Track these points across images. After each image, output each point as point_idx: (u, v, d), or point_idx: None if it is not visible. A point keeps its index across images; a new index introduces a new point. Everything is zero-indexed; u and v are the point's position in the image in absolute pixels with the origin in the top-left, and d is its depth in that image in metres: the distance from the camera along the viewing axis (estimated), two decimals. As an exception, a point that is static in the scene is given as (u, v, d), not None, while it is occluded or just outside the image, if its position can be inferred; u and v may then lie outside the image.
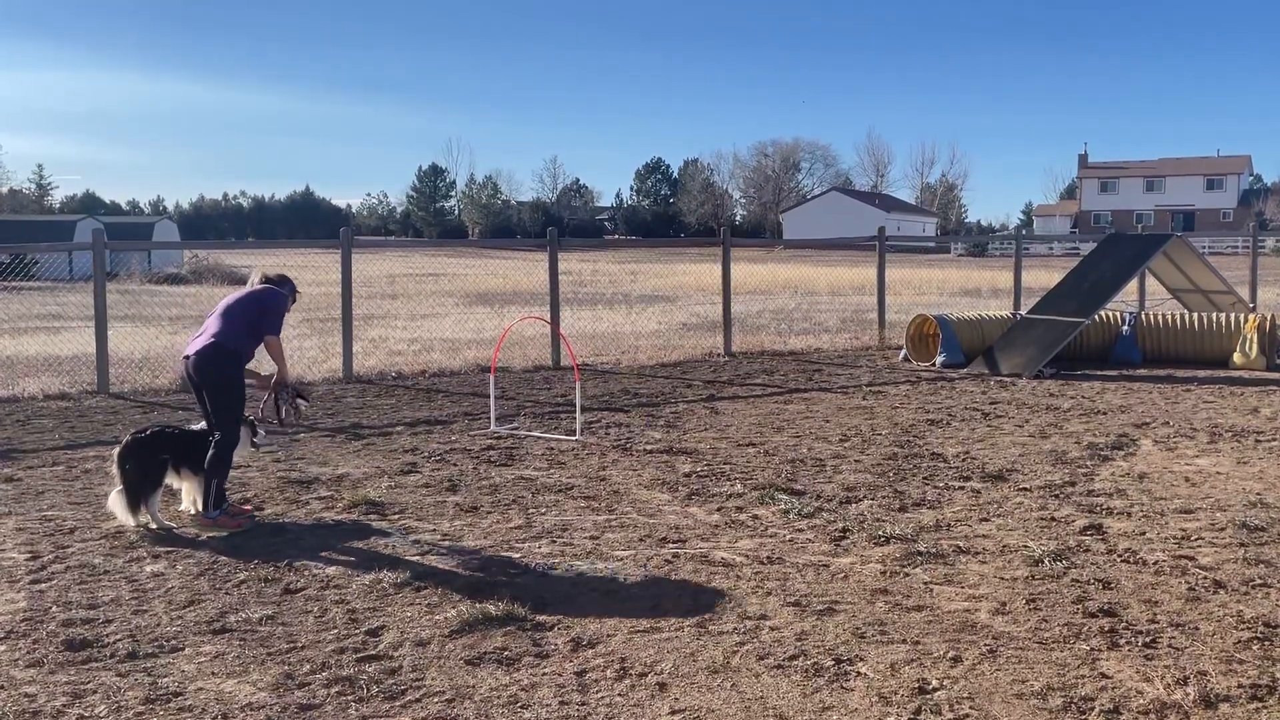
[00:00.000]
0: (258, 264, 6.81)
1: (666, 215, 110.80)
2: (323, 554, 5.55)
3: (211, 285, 29.86)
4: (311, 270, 29.46)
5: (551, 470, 7.48)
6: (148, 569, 5.33)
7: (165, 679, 4.01)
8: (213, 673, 4.07)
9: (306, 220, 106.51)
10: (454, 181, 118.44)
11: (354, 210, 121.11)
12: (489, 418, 9.30)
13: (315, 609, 4.75)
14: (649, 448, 8.23)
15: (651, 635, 4.41)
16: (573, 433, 8.75)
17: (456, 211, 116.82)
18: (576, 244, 45.83)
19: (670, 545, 5.67)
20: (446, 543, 5.75)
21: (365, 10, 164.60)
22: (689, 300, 24.46)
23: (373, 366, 12.80)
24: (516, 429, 9.06)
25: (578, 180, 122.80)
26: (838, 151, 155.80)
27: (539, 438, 8.66)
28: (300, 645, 4.33)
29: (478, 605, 4.67)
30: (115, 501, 5.98)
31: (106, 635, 4.45)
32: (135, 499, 5.93)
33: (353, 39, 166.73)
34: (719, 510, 6.38)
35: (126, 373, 11.99)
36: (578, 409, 9.02)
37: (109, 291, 11.86)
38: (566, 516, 6.26)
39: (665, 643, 4.32)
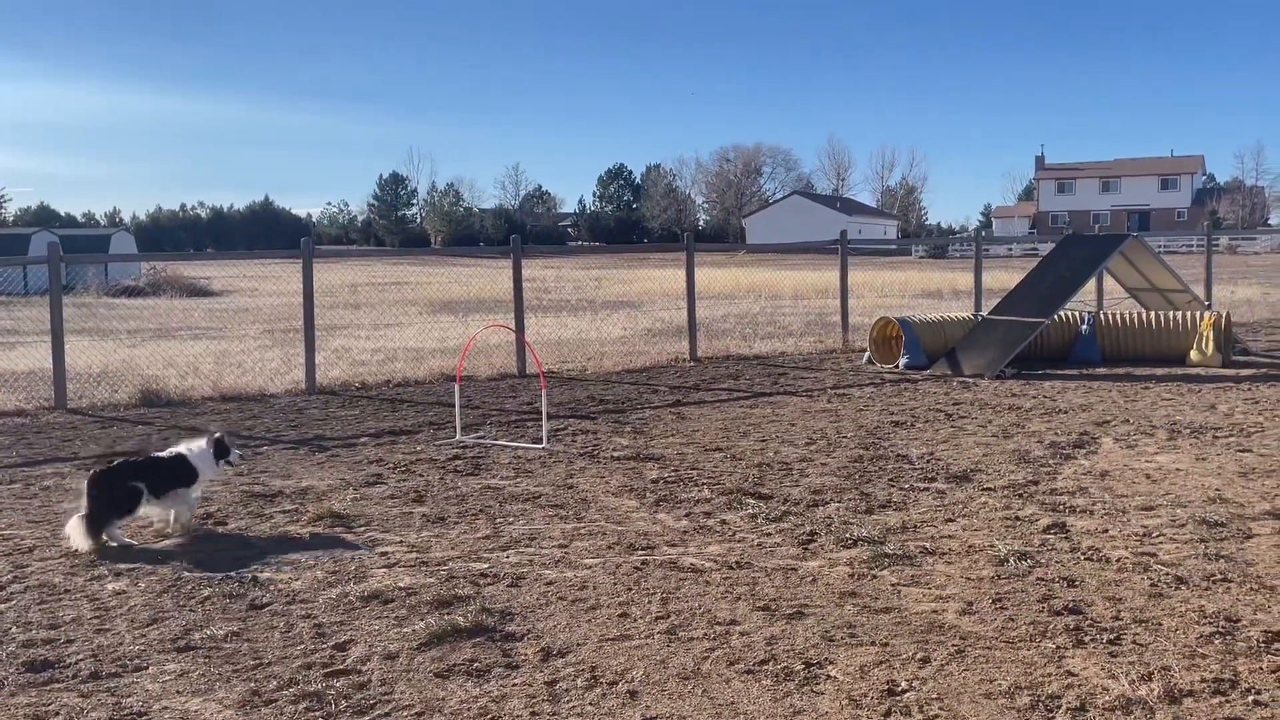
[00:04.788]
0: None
1: (630, 221, 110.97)
2: (288, 568, 5.50)
3: (170, 297, 29.51)
4: (272, 280, 29.31)
5: (519, 479, 7.46)
6: (109, 587, 5.25)
7: (129, 699, 3.95)
8: (178, 691, 4.01)
9: (267, 230, 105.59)
10: (415, 189, 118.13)
11: (314, 220, 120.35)
12: (454, 427, 9.25)
13: (281, 624, 4.70)
14: (616, 454, 8.22)
15: (622, 643, 4.40)
16: (539, 441, 8.72)
17: (418, 220, 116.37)
18: (540, 251, 45.75)
19: (639, 552, 5.67)
20: (414, 554, 5.70)
21: (322, 19, 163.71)
22: (654, 306, 24.48)
23: (336, 377, 12.70)
24: (482, 438, 9.02)
25: (540, 187, 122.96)
26: (799, 156, 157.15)
27: (505, 446, 8.63)
28: (266, 661, 4.28)
29: (446, 617, 4.64)
30: (74, 527, 5.83)
31: (68, 655, 4.38)
32: (98, 527, 5.83)
33: (310, 48, 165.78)
34: (687, 516, 6.38)
35: (84, 388, 11.81)
36: (544, 417, 9.00)
37: (65, 305, 11.69)
38: (534, 525, 6.24)
39: (635, 650, 4.32)
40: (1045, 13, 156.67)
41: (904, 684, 3.92)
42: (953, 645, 4.28)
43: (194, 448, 6.37)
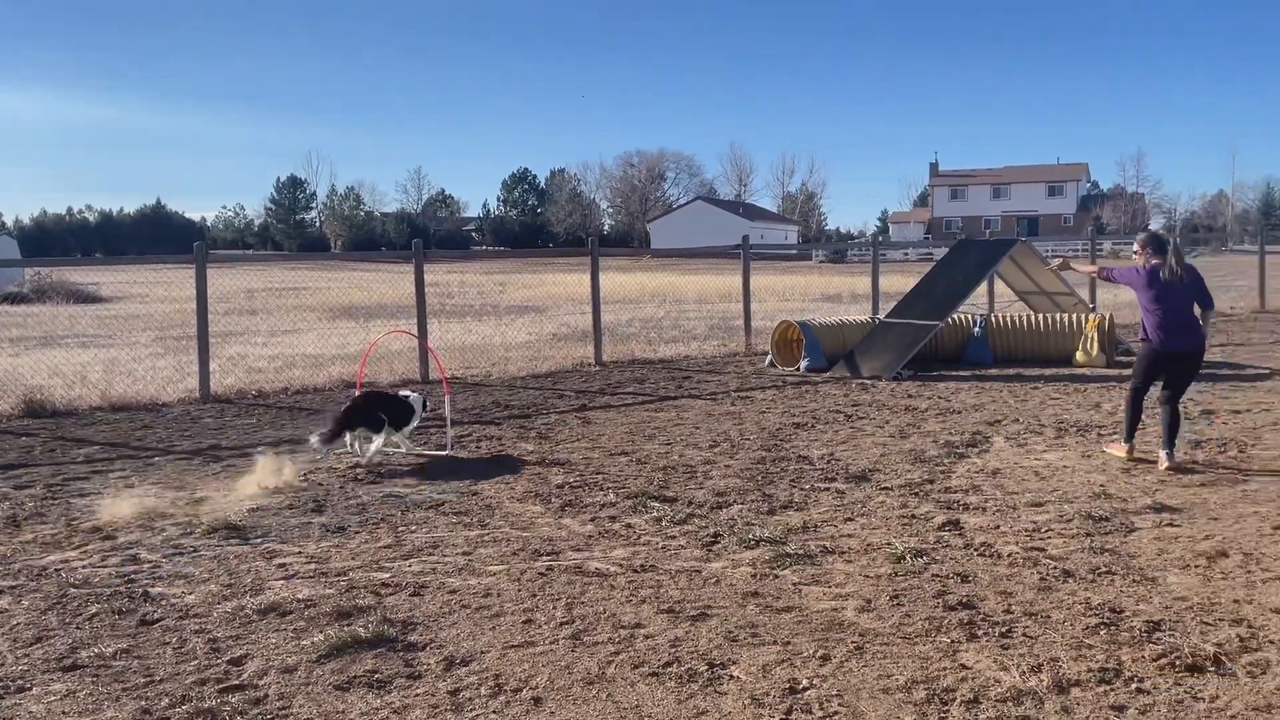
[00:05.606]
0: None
1: (534, 226, 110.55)
2: (180, 582, 5.34)
3: (56, 304, 28.38)
4: (164, 286, 28.44)
5: (421, 486, 7.37)
6: (-11, 606, 5.03)
7: (10, 723, 3.79)
8: (64, 712, 3.86)
9: (158, 235, 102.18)
10: (314, 193, 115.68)
11: (209, 224, 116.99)
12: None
13: (174, 640, 4.56)
14: (521, 460, 8.18)
15: (526, 649, 4.38)
16: (443, 447, 8.63)
17: (318, 224, 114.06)
18: (443, 255, 45.27)
19: (544, 558, 5.65)
20: (312, 565, 5.59)
21: (219, 20, 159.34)
22: (559, 310, 24.43)
23: (231, 385, 12.38)
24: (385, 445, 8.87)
25: (443, 191, 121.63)
26: (701, 161, 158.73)
27: (408, 453, 8.51)
28: (158, 679, 4.15)
29: (346, 628, 4.56)
30: (324, 432, 7.82)
31: (-57, 679, 4.18)
32: (345, 432, 7.91)
33: (202, 47, 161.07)
34: (592, 520, 6.38)
35: (-38, 398, 11.29)
36: (447, 423, 8.91)
37: (-60, 312, 11.16)
38: (438, 533, 6.17)
39: (540, 656, 4.30)
40: (938, 22, 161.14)
41: (805, 682, 3.99)
42: (852, 642, 4.37)
43: (414, 394, 8.56)
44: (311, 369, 13.67)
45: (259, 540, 6.09)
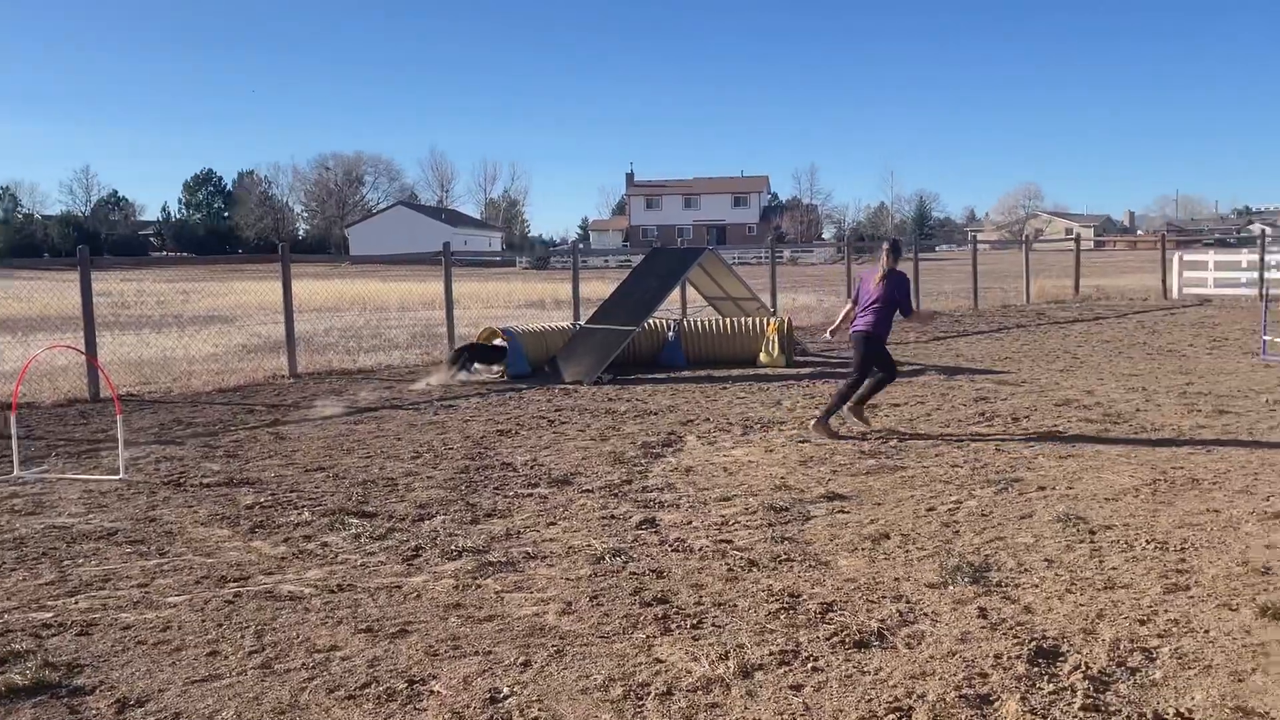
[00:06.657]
0: None
1: (221, 230, 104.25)
2: None
3: None
4: None
5: (91, 515, 6.76)
6: None
7: None
8: None
9: None
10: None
11: None
12: (12, 461, 8.21)
13: None
14: (206, 481, 7.69)
15: (210, 683, 4.12)
16: (116, 471, 7.96)
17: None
18: (116, 262, 41.76)
19: (231, 584, 5.34)
20: (-42, 611, 4.99)
21: None
22: (249, 320, 23.17)
23: None
24: (46, 472, 8.08)
25: (116, 193, 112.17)
26: (401, 166, 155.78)
27: (75, 480, 7.79)
28: None
29: (1, 677, 4.11)
30: (449, 362, 12.85)
31: None
32: (456, 367, 12.86)
33: None
34: (285, 541, 6.10)
35: None
36: (120, 444, 8.22)
37: None
38: (109, 565, 5.68)
39: (226, 689, 4.06)
40: (628, 34, 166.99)
41: (506, 689, 4.00)
42: (553, 646, 4.43)
43: (503, 343, 13.30)
44: (-43, 390, 12.18)
45: (-111, 587, 5.36)
